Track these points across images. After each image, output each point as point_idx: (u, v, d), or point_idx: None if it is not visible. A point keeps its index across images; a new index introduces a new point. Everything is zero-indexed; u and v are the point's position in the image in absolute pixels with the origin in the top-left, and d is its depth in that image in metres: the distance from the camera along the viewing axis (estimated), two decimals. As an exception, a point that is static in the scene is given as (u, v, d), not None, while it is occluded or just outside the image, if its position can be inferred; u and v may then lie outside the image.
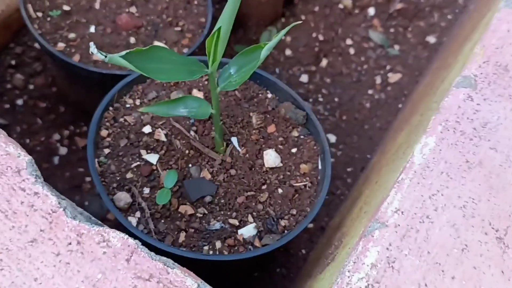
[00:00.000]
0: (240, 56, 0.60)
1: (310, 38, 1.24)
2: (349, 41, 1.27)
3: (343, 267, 0.48)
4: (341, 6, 1.29)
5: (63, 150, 1.01)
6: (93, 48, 0.47)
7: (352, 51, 1.26)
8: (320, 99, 1.19)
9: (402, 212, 0.50)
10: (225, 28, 0.53)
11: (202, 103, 0.63)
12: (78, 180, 0.98)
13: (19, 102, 1.03)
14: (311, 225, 0.99)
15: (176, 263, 0.46)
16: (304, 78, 1.21)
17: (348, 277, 0.47)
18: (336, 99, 1.19)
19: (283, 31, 0.53)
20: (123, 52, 0.49)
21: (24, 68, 1.06)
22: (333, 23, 1.27)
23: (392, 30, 1.30)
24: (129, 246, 0.45)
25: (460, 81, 0.60)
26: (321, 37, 1.25)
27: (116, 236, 0.45)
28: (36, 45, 1.08)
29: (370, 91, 1.21)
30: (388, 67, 1.24)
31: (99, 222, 0.47)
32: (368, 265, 0.47)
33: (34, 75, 1.05)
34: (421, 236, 0.49)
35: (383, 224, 0.50)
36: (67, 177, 0.98)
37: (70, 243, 0.44)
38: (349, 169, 1.08)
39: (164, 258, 0.46)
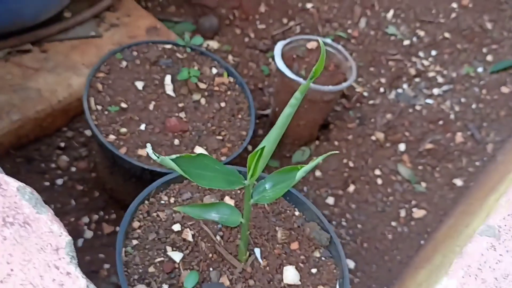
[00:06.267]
0: (276, 173, 0.64)
1: (340, 163, 1.30)
2: (377, 172, 1.31)
3: None
4: (373, 138, 1.35)
5: (88, 234, 1.04)
6: (149, 148, 0.52)
7: (379, 181, 1.29)
8: (344, 223, 1.21)
9: None
10: (268, 148, 0.58)
11: (233, 211, 0.67)
12: (97, 265, 1.00)
13: (59, 181, 1.09)
14: None
15: None
16: (330, 200, 1.24)
17: None
18: (359, 226, 1.21)
19: (321, 157, 0.58)
20: (174, 156, 0.54)
21: (71, 151, 1.13)
22: (364, 152, 1.33)
23: (420, 167, 1.34)
24: None
25: (484, 230, 0.62)
26: (351, 164, 1.30)
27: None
28: (87, 132, 1.16)
29: (393, 223, 1.22)
30: (413, 202, 1.27)
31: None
32: None
33: (78, 159, 1.12)
34: None
35: None
36: (86, 261, 1.00)
37: (90, 328, 0.46)
38: (364, 299, 1.07)
39: None
